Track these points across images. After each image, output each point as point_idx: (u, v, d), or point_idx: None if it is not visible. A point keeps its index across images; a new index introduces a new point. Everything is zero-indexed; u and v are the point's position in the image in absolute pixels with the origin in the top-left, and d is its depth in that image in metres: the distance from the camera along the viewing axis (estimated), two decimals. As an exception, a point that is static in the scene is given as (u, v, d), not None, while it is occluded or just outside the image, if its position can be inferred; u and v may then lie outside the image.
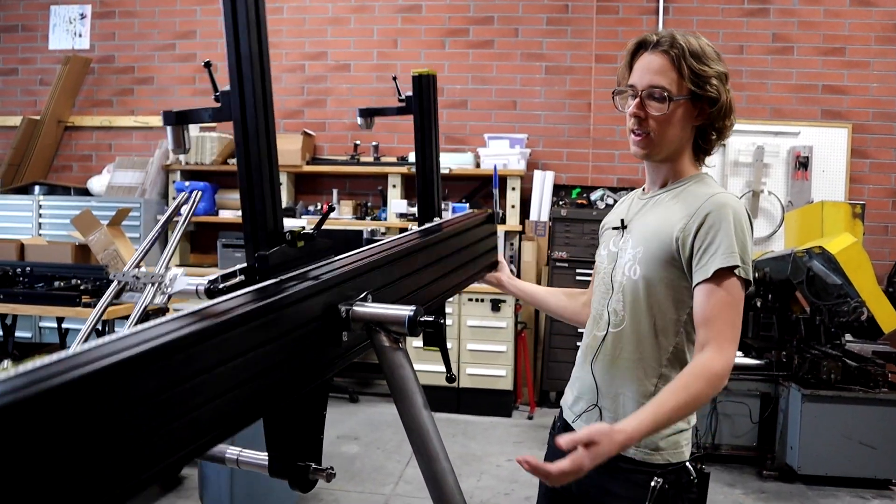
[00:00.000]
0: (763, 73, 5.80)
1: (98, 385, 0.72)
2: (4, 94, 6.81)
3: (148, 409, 0.79)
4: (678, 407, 1.37)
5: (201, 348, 0.86)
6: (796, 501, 3.83)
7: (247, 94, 1.11)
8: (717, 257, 1.44)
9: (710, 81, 1.50)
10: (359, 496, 3.70)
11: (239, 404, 0.94)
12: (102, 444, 0.72)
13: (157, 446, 0.81)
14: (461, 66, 6.11)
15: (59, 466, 0.67)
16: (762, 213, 5.74)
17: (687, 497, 1.55)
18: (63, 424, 0.67)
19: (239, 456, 1.32)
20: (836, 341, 4.36)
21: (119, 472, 0.76)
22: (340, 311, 1.14)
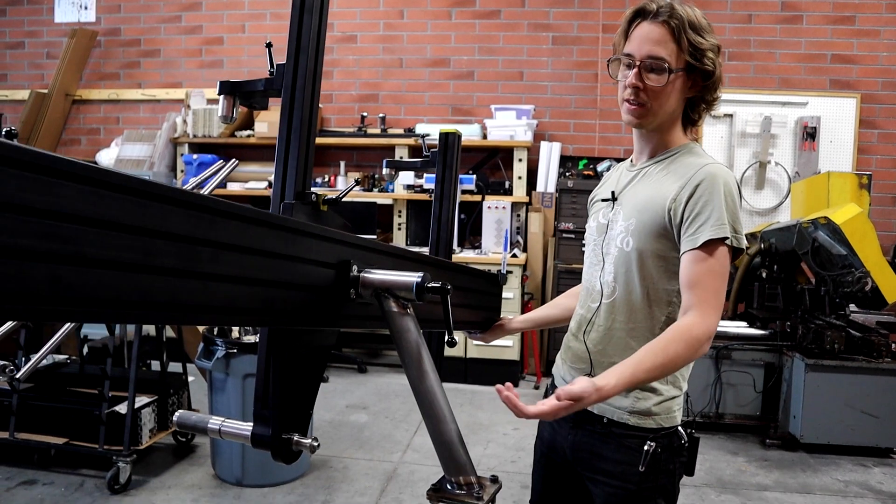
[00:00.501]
0: (771, 42, 5.76)
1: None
2: (12, 68, 6.82)
3: (171, 249, 0.84)
4: (655, 367, 1.39)
5: (223, 222, 0.92)
6: (798, 469, 3.89)
7: (301, 64, 1.22)
8: (707, 227, 1.45)
9: (706, 54, 1.50)
10: (367, 463, 3.77)
11: (247, 299, 0.99)
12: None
13: (169, 289, 0.85)
14: (467, 37, 6.08)
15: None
16: (769, 184, 5.74)
17: (678, 460, 1.59)
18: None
19: (221, 426, 1.33)
20: (841, 312, 4.39)
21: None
22: (352, 268, 1.18)
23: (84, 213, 0.72)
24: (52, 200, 0.69)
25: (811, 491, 3.61)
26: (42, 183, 0.68)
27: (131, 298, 0.79)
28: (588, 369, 1.64)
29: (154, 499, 3.26)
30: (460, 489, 1.22)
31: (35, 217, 0.67)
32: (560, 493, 1.78)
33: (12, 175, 0.65)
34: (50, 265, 0.69)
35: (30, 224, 0.67)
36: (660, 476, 1.56)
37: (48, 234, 0.68)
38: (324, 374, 1.33)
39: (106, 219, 0.75)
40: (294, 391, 1.25)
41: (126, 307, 0.79)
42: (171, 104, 6.49)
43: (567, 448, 1.69)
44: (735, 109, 5.71)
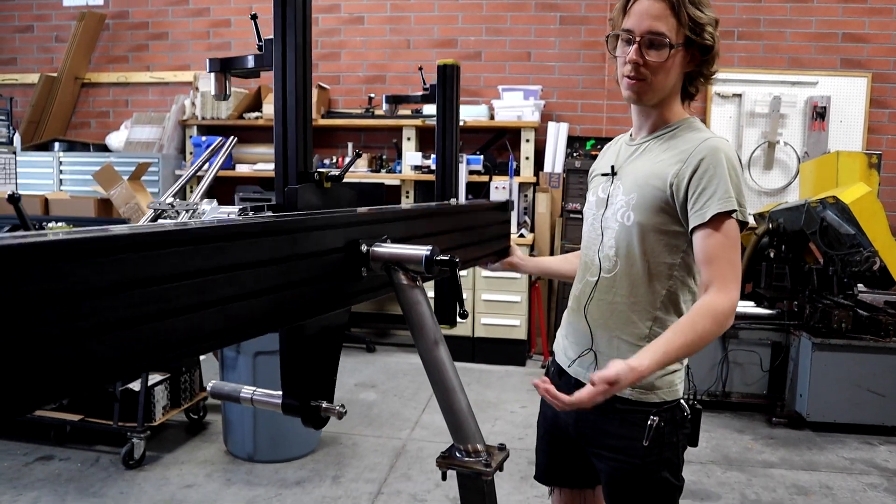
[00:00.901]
0: (781, 21, 5.71)
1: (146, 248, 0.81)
2: (21, 52, 6.84)
3: (187, 287, 0.87)
4: (686, 344, 1.41)
5: (233, 244, 0.95)
6: (804, 447, 3.92)
7: (288, 41, 1.20)
8: (714, 202, 1.46)
9: (706, 28, 1.50)
10: (376, 440, 3.82)
11: (266, 308, 1.02)
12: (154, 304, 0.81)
13: (190, 326, 0.89)
14: (475, 18, 6.06)
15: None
16: (777, 164, 5.72)
17: (681, 433, 1.62)
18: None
19: (253, 395, 1.39)
20: (849, 291, 4.39)
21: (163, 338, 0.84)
22: (361, 247, 1.21)
23: (101, 283, 0.74)
24: (66, 283, 0.70)
25: (817, 468, 3.64)
26: (55, 269, 0.69)
27: (153, 346, 0.82)
28: (589, 344, 1.65)
29: (168, 474, 3.32)
30: (469, 456, 1.25)
31: (56, 304, 0.69)
32: (564, 467, 1.82)
33: (30, 272, 0.67)
34: (78, 342, 0.71)
35: (52, 311, 0.69)
36: (664, 449, 1.58)
37: (72, 315, 0.71)
38: (342, 343, 1.36)
39: (122, 281, 0.76)
40: (317, 362, 1.28)
41: (149, 357, 0.82)
42: (180, 87, 6.51)
43: (570, 424, 1.71)
44: (744, 89, 5.68)
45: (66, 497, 3.07)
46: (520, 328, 5.28)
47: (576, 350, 1.70)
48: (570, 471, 1.80)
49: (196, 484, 3.24)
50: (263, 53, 1.23)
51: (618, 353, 1.59)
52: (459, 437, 1.26)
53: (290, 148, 1.22)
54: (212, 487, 3.21)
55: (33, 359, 0.67)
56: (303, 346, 1.31)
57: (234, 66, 1.28)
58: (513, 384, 4.89)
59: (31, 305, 0.67)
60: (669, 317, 1.57)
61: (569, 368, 1.72)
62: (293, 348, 1.32)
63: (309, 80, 1.24)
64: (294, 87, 1.21)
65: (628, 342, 1.59)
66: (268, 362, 3.31)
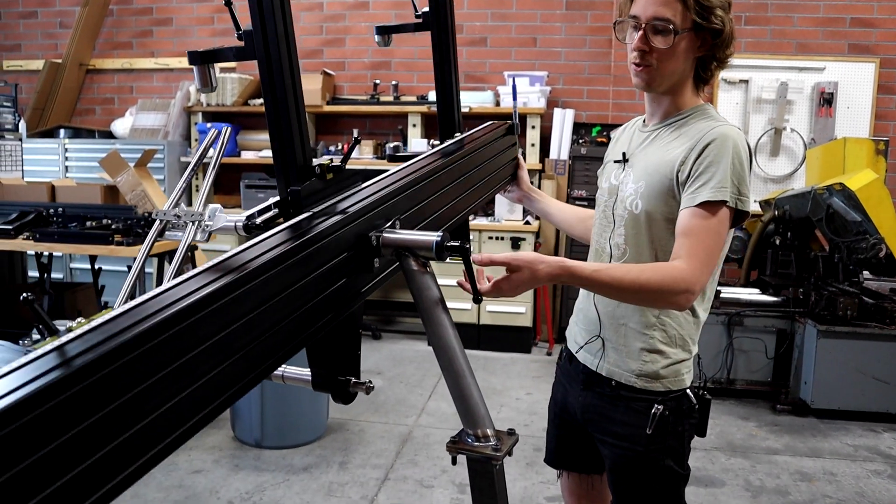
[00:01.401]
0: (789, 6, 5.67)
1: (172, 330, 0.81)
2: (25, 38, 6.83)
3: (205, 354, 0.87)
4: (621, 279, 1.39)
5: (245, 291, 0.92)
6: (808, 434, 3.93)
7: (269, 31, 1.13)
8: (707, 188, 1.44)
9: (714, 12, 1.47)
10: (383, 427, 3.84)
11: (287, 336, 1.02)
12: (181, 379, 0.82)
13: (221, 382, 0.89)
14: (480, 3, 6.03)
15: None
16: (784, 151, 5.70)
17: (687, 422, 1.61)
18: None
19: (284, 372, 1.39)
20: (854, 279, 4.39)
21: (191, 406, 0.85)
22: (371, 240, 1.20)
23: (131, 389, 0.75)
24: (100, 403, 0.71)
25: (821, 455, 3.65)
26: (89, 388, 0.70)
27: (187, 418, 0.83)
28: (597, 330, 1.67)
29: (176, 460, 3.34)
30: (479, 441, 1.26)
31: (97, 416, 0.70)
32: (573, 452, 1.83)
33: (84, 401, 0.69)
34: (118, 442, 0.73)
35: (95, 426, 0.70)
36: (668, 438, 1.58)
37: (113, 423, 0.72)
38: (361, 320, 1.36)
39: (147, 373, 0.77)
40: (339, 340, 1.28)
41: (184, 425, 0.83)
42: (185, 73, 6.49)
43: (578, 409, 1.72)
44: (751, 75, 5.65)
45: (75, 481, 3.10)
46: (525, 315, 5.29)
47: (584, 336, 1.71)
48: (577, 455, 1.82)
49: (204, 469, 3.27)
50: (245, 44, 1.16)
51: (625, 340, 1.60)
52: (469, 422, 1.27)
53: (286, 143, 1.17)
54: (220, 473, 3.24)
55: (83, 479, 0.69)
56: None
57: (214, 58, 1.22)
58: (518, 371, 4.91)
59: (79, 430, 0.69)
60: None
61: (577, 354, 1.73)
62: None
63: (297, 71, 1.18)
64: (282, 80, 1.15)
65: (636, 329, 1.59)
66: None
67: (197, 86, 1.25)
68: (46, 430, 0.65)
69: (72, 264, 5.86)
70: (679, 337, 1.59)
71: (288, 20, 1.16)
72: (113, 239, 3.66)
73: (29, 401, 0.64)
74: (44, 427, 0.65)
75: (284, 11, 1.15)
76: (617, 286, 1.40)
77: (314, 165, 1.24)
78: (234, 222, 1.20)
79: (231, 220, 1.21)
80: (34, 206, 3.98)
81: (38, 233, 3.76)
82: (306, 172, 1.22)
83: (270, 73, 1.16)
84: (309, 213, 1.17)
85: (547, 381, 4.64)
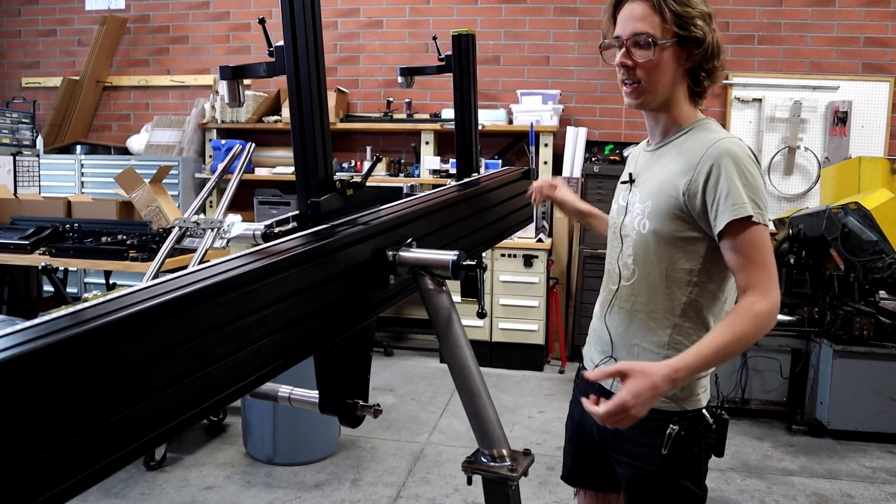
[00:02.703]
0: (803, 25, 5.67)
1: (174, 310, 0.80)
2: (44, 55, 6.93)
3: (218, 338, 0.87)
4: (724, 344, 1.40)
5: (263, 284, 0.94)
6: (825, 455, 3.88)
7: (300, 47, 1.18)
8: (726, 211, 1.44)
9: (694, 22, 1.48)
10: (395, 444, 3.83)
11: (298, 338, 1.02)
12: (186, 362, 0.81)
13: (230, 372, 0.89)
14: (494, 22, 6.07)
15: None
16: (798, 170, 5.67)
17: (704, 442, 1.59)
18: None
19: (291, 394, 1.41)
20: (870, 298, 4.35)
21: (201, 391, 0.84)
22: (388, 256, 1.21)
23: (138, 356, 0.75)
24: (107, 366, 0.71)
25: (838, 477, 3.60)
26: (99, 352, 0.70)
27: (195, 402, 0.83)
28: (610, 351, 1.66)
29: (188, 475, 3.34)
30: (494, 461, 1.25)
31: (103, 383, 0.70)
32: (590, 470, 1.82)
33: (84, 361, 0.68)
34: (123, 414, 0.73)
35: (98, 394, 0.70)
36: (683, 458, 1.57)
37: (115, 391, 0.72)
38: (372, 342, 1.37)
39: (159, 348, 0.77)
40: (349, 363, 1.28)
41: (190, 411, 0.83)
42: (200, 90, 6.56)
43: (594, 428, 1.71)
44: (764, 94, 5.64)
45: (87, 497, 3.10)
46: (537, 333, 5.27)
47: (598, 356, 1.71)
48: (594, 473, 1.81)
49: (216, 486, 3.26)
50: (276, 60, 1.21)
51: (637, 360, 1.59)
52: (485, 441, 1.26)
53: (309, 157, 1.21)
54: (232, 489, 3.23)
55: (83, 444, 0.69)
56: (336, 346, 1.31)
57: (245, 73, 1.26)
58: (530, 389, 4.88)
59: (76, 394, 0.68)
60: (690, 324, 1.56)
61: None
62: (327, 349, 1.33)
63: (324, 87, 1.22)
64: (309, 95, 1.19)
65: (648, 350, 1.59)
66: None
67: (226, 100, 1.30)
68: (48, 385, 0.65)
69: (86, 278, 5.90)
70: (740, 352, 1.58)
71: (318, 37, 1.21)
72: (128, 255, 3.68)
73: (35, 354, 0.64)
74: (45, 382, 0.65)
75: (315, 28, 1.20)
76: (725, 354, 1.42)
77: (335, 180, 1.26)
78: (253, 231, 1.22)
79: (249, 229, 1.23)
80: (51, 222, 4.02)
81: (55, 248, 3.79)
82: (327, 186, 1.25)
83: (298, 88, 1.20)
84: (328, 225, 1.19)
85: (559, 400, 4.62)
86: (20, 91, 6.84)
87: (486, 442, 1.26)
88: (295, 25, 1.18)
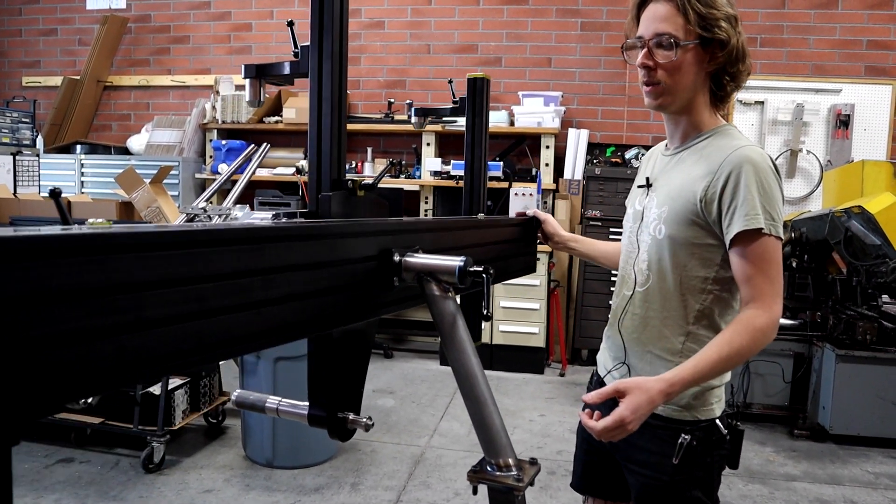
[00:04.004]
0: (805, 28, 5.66)
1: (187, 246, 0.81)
2: (45, 55, 6.92)
3: (220, 288, 0.86)
4: (720, 359, 1.39)
5: (271, 245, 0.94)
6: (827, 460, 3.86)
7: (325, 48, 1.20)
8: (739, 220, 1.42)
9: (718, 24, 1.45)
10: (395, 447, 3.81)
11: (299, 313, 1.01)
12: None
13: (226, 327, 0.88)
14: (495, 23, 6.06)
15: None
16: (800, 173, 5.66)
17: (717, 454, 1.56)
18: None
19: (279, 405, 1.37)
20: (873, 302, 4.33)
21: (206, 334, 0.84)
22: (394, 256, 1.19)
23: (139, 279, 0.74)
24: (107, 276, 0.70)
25: (841, 482, 3.58)
26: (95, 263, 0.69)
27: (190, 346, 0.81)
28: (623, 357, 1.64)
29: (187, 478, 3.32)
30: (500, 471, 1.23)
31: (94, 297, 0.69)
32: (600, 478, 1.80)
33: (67, 263, 0.67)
34: (114, 337, 0.71)
35: (90, 304, 0.68)
36: (695, 469, 1.54)
37: (109, 309, 0.70)
38: (370, 354, 1.35)
39: (159, 278, 0.76)
40: (344, 374, 1.27)
41: (186, 356, 0.81)
42: (201, 90, 6.55)
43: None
44: (766, 96, 5.63)
45: (86, 500, 3.08)
46: (538, 336, 5.25)
47: (612, 362, 1.69)
48: (604, 481, 1.79)
49: (215, 489, 3.24)
50: (300, 60, 1.23)
51: (650, 367, 1.57)
52: (491, 450, 1.24)
53: (324, 155, 1.23)
54: (231, 493, 3.21)
55: (69, 351, 0.67)
56: (332, 355, 1.30)
57: (269, 72, 1.28)
58: (531, 392, 4.86)
59: (69, 297, 0.66)
60: (704, 332, 1.53)
61: (605, 378, 1.71)
62: (322, 357, 1.31)
63: (344, 88, 1.24)
64: (330, 95, 1.21)
65: (661, 357, 1.56)
66: (288, 368, 3.31)
67: (247, 98, 1.33)
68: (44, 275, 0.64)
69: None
70: (737, 366, 1.56)
71: (344, 38, 1.24)
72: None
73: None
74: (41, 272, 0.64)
75: (342, 30, 1.23)
76: (721, 368, 1.42)
77: (347, 180, 1.25)
78: (261, 219, 1.21)
79: (257, 217, 1.23)
80: (50, 222, 4.00)
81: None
82: (338, 185, 1.26)
83: (320, 87, 1.22)
84: (336, 220, 1.19)
85: (560, 403, 4.61)
86: (20, 90, 6.83)
87: (491, 451, 1.24)
88: (323, 26, 1.20)
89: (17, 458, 3.46)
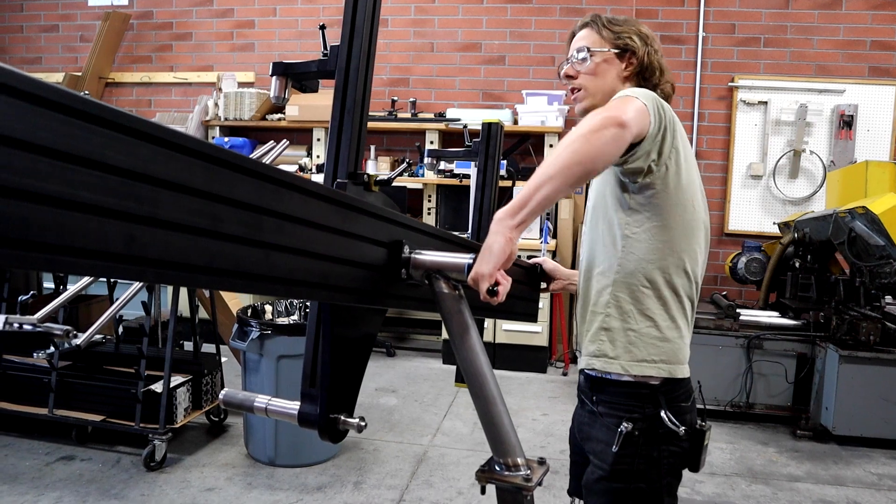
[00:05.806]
0: (809, 28, 5.65)
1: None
2: (46, 51, 6.90)
3: (235, 215, 0.86)
4: (554, 155, 1.29)
5: (289, 194, 0.95)
6: (830, 461, 3.85)
7: (355, 47, 1.27)
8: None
9: (630, 37, 1.65)
10: (398, 446, 3.80)
11: (306, 272, 1.01)
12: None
13: (233, 255, 0.87)
14: (499, 22, 6.04)
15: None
16: (803, 173, 5.65)
17: (667, 449, 1.53)
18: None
19: (268, 405, 1.33)
20: (876, 303, 4.32)
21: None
22: (404, 248, 1.19)
23: (160, 174, 0.74)
24: (131, 160, 0.70)
25: (844, 483, 3.57)
26: (123, 142, 0.70)
27: (199, 262, 0.81)
28: (580, 326, 1.71)
29: (189, 476, 3.31)
30: (509, 471, 1.22)
31: (115, 175, 0.69)
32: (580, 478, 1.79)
33: (97, 133, 0.67)
34: (126, 223, 0.71)
35: (109, 182, 0.68)
36: (637, 460, 1.52)
37: (126, 194, 0.70)
38: (369, 356, 1.33)
39: (179, 182, 0.76)
40: (342, 372, 1.26)
41: (193, 270, 0.81)
42: (203, 87, 6.53)
43: (577, 431, 1.75)
44: (769, 97, 5.62)
45: (87, 498, 3.07)
46: (541, 335, 5.24)
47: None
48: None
49: (217, 487, 3.23)
50: (327, 60, 1.29)
51: (589, 325, 1.63)
52: (500, 450, 1.24)
53: (343, 148, 1.28)
54: (233, 491, 3.20)
55: (81, 219, 0.67)
56: (333, 348, 1.27)
57: (296, 70, 1.33)
58: (534, 391, 4.85)
59: (90, 164, 0.68)
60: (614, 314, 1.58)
61: (579, 362, 1.74)
62: (322, 349, 1.28)
63: (369, 87, 1.31)
64: (354, 93, 1.27)
65: (594, 311, 1.62)
66: (291, 366, 3.30)
67: (272, 95, 1.38)
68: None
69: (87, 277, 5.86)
70: (635, 311, 1.54)
71: (373, 40, 1.31)
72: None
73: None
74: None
75: (372, 32, 1.29)
76: (559, 161, 1.28)
77: (362, 173, 1.26)
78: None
79: None
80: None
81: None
82: (354, 178, 1.29)
83: (345, 84, 1.28)
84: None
85: (563, 402, 4.59)
86: (22, 87, 6.80)
87: (500, 451, 1.23)
88: (354, 27, 1.27)
89: (18, 455, 3.46)
